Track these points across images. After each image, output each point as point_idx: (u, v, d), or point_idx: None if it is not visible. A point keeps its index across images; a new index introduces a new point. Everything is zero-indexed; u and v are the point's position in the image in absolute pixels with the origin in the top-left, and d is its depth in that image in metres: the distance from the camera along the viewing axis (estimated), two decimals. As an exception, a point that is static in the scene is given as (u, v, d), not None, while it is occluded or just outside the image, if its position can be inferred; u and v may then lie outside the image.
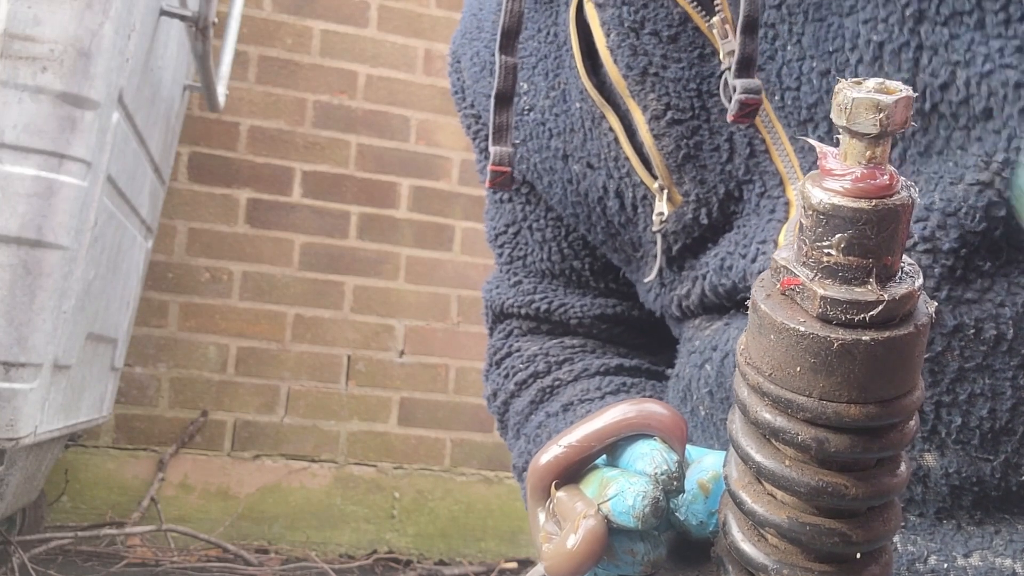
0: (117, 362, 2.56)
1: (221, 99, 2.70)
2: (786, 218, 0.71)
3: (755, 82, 0.67)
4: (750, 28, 0.67)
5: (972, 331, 0.63)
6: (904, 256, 0.41)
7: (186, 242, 3.04)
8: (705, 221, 0.76)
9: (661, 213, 0.77)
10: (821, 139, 0.68)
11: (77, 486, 2.85)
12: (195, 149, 3.07)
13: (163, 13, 2.10)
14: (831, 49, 0.67)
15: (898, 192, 0.39)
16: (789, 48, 0.69)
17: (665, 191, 0.77)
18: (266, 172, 3.13)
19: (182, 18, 2.14)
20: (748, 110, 0.67)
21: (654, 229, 0.78)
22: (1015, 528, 0.64)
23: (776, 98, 0.70)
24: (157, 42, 2.16)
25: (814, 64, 0.68)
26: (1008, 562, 0.62)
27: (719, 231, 0.77)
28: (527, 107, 0.86)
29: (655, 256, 0.81)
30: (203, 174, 3.07)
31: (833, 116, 0.39)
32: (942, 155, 0.65)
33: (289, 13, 3.20)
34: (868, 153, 0.39)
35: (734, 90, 0.67)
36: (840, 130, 0.39)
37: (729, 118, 0.67)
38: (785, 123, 0.71)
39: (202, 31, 2.14)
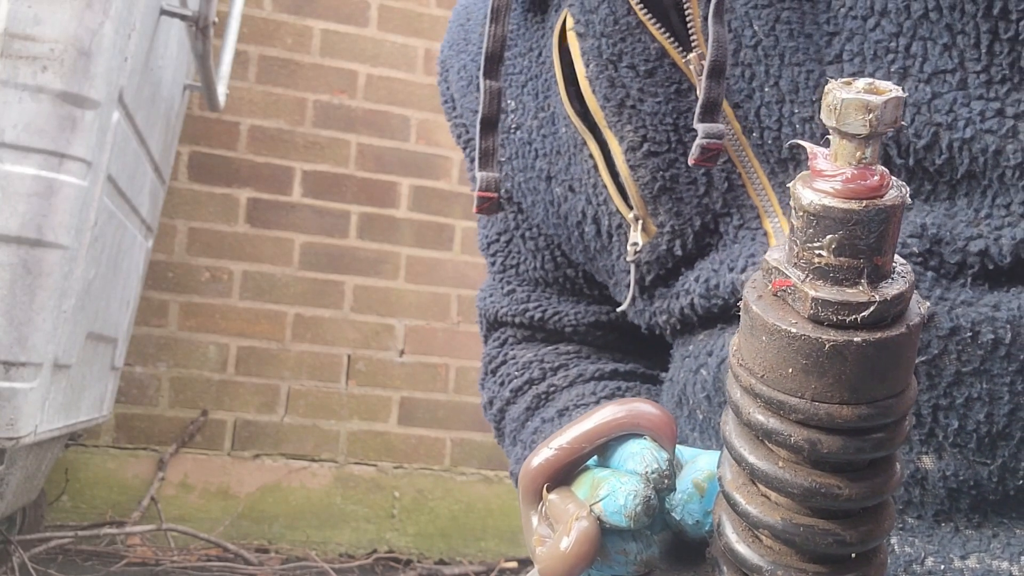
0: (117, 361, 2.56)
1: (221, 99, 2.70)
2: (767, 246, 0.71)
3: (718, 127, 0.67)
4: (716, 73, 0.67)
5: (969, 334, 0.63)
6: (896, 256, 0.41)
7: (186, 241, 3.04)
8: (679, 252, 0.76)
9: (636, 243, 0.77)
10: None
11: (77, 485, 2.86)
12: (195, 148, 3.07)
13: (163, 13, 2.10)
14: (813, 98, 0.67)
15: (889, 192, 0.39)
16: (767, 89, 0.69)
17: (640, 221, 0.77)
18: (266, 172, 3.13)
19: (182, 18, 2.14)
20: (710, 154, 0.67)
21: (628, 259, 0.78)
22: (1012, 532, 0.64)
23: (755, 135, 0.70)
24: (157, 41, 2.16)
25: (795, 109, 0.68)
26: (1005, 565, 0.62)
27: (692, 263, 0.77)
28: (514, 125, 0.86)
29: (628, 285, 0.81)
30: (203, 174, 3.08)
31: (823, 116, 0.39)
32: (928, 201, 0.66)
33: (289, 13, 3.20)
34: (858, 154, 0.39)
35: (694, 128, 0.67)
36: (830, 131, 0.39)
37: (691, 162, 0.68)
38: (763, 159, 0.71)
39: (202, 31, 2.14)
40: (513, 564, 3.11)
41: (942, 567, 0.63)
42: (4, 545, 2.35)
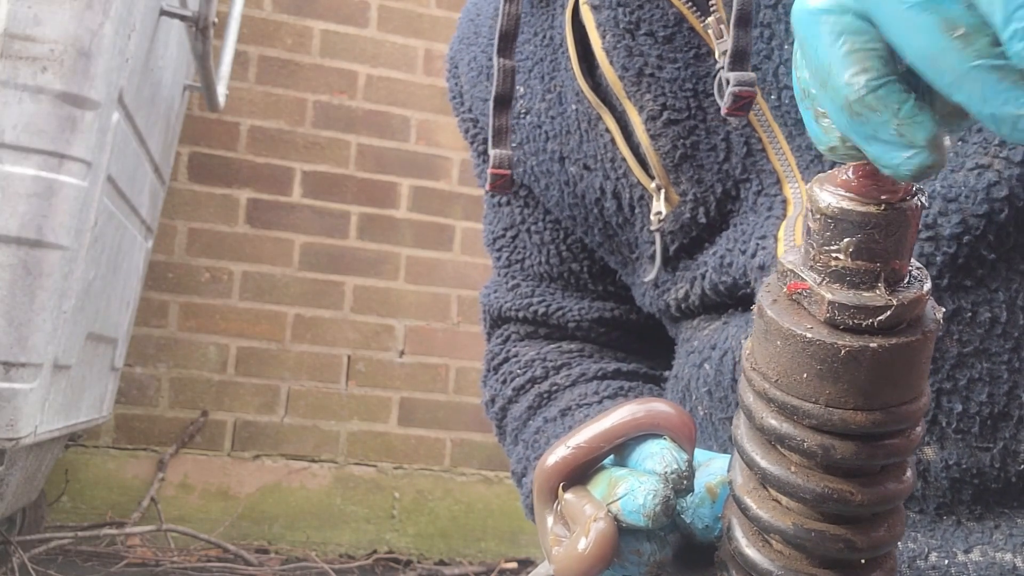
0: (117, 362, 2.56)
1: (221, 99, 2.70)
2: (784, 215, 0.71)
3: (749, 75, 0.67)
4: (743, 22, 0.67)
5: (969, 315, 0.63)
6: (912, 260, 0.41)
7: (186, 242, 3.04)
8: (703, 220, 0.76)
9: (659, 213, 0.77)
10: None
11: (77, 486, 2.85)
12: (195, 149, 3.07)
13: (163, 13, 2.10)
14: None
15: (907, 196, 0.39)
16: (786, 47, 0.69)
17: (662, 191, 0.77)
18: (266, 172, 3.13)
19: (182, 18, 2.13)
20: (742, 103, 0.67)
21: (652, 229, 0.78)
22: (1015, 522, 0.64)
23: (772, 97, 0.70)
24: (157, 42, 2.15)
25: None
26: (1008, 556, 0.62)
27: (716, 230, 0.77)
28: (524, 110, 0.86)
29: (652, 257, 0.81)
30: (203, 174, 3.07)
31: None
32: None
33: (289, 13, 3.19)
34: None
35: (727, 83, 0.67)
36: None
37: (723, 111, 0.68)
38: (782, 122, 0.71)
39: (202, 31, 2.13)
40: (513, 564, 3.11)
41: (946, 562, 0.63)
42: (4, 546, 2.35)
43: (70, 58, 1.68)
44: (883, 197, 0.38)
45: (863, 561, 0.45)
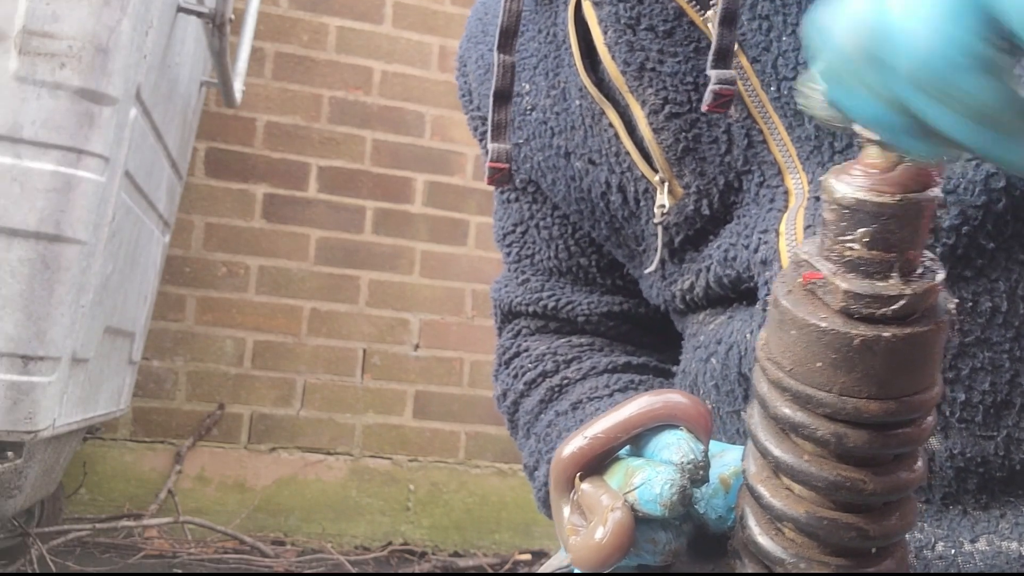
0: (135, 355, 2.57)
1: (238, 95, 2.71)
2: (785, 207, 0.71)
3: (730, 73, 0.68)
4: (728, 20, 0.68)
5: (970, 304, 0.63)
6: (924, 251, 0.41)
7: (203, 237, 3.06)
8: (706, 212, 0.77)
9: (663, 205, 0.78)
10: (818, 127, 0.69)
11: (95, 478, 2.88)
12: (212, 144, 3.08)
13: (180, 10, 2.11)
14: None
15: (922, 187, 0.39)
16: (784, 39, 0.69)
17: (666, 184, 0.78)
18: (282, 167, 3.14)
19: (199, 15, 2.15)
20: (722, 100, 0.68)
21: (655, 221, 0.79)
22: (1020, 511, 0.64)
23: (772, 88, 0.71)
24: (174, 38, 2.17)
25: None
26: (1015, 545, 0.62)
27: (720, 222, 0.77)
28: (529, 107, 0.87)
29: (657, 249, 0.81)
30: (220, 169, 3.09)
31: (858, 129, 0.39)
32: None
33: (305, 10, 3.20)
34: (895, 156, 0.39)
35: (709, 80, 0.68)
36: (864, 141, 0.39)
37: (704, 108, 0.69)
38: (781, 113, 0.71)
39: (219, 27, 2.14)
40: (527, 556, 3.12)
41: (952, 552, 0.63)
42: (23, 538, 2.37)
43: (88, 54, 1.69)
44: (899, 188, 0.38)
45: (874, 550, 0.46)
